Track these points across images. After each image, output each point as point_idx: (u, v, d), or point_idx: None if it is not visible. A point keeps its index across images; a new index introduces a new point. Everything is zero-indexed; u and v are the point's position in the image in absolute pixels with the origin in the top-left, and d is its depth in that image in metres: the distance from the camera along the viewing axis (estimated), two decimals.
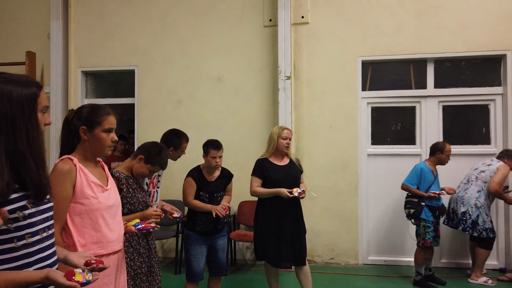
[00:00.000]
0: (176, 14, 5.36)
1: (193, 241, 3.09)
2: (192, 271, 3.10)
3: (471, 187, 4.34)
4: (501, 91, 4.85)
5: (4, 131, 1.21)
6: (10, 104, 1.23)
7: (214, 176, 3.18)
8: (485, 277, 4.33)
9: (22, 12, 5.63)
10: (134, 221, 2.07)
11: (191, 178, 3.12)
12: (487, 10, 4.75)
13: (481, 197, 4.27)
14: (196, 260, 3.08)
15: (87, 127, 1.74)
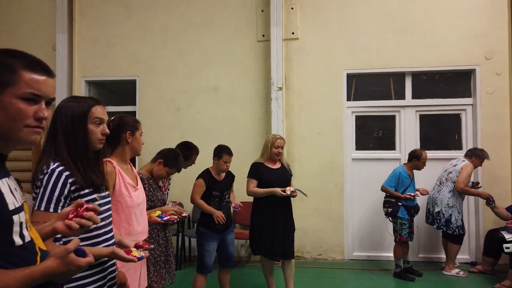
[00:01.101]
0: (176, 28, 5.75)
1: (207, 238, 3.48)
2: (204, 264, 3.50)
3: (443, 188, 4.83)
4: (471, 102, 5.38)
5: (63, 139, 1.59)
6: (66, 117, 1.61)
7: (222, 176, 3.61)
8: (457, 269, 4.83)
9: (27, 24, 5.94)
10: (157, 213, 2.47)
11: (202, 180, 3.52)
12: (459, 29, 5.28)
13: (453, 197, 4.76)
14: (209, 255, 3.49)
15: (131, 132, 2.13)
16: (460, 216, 4.76)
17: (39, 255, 1.15)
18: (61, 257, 1.06)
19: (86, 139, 1.60)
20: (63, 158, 1.56)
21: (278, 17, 5.43)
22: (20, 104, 1.05)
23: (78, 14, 5.88)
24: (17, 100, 1.05)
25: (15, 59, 1.09)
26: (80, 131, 1.60)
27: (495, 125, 5.21)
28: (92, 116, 1.61)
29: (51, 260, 1.06)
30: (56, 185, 1.49)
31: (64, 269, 1.07)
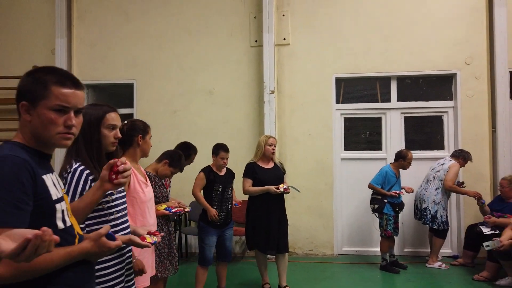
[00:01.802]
0: (172, 33, 5.98)
1: (207, 233, 3.73)
2: (204, 257, 3.75)
3: (430, 186, 5.13)
4: (453, 104, 5.70)
5: (83, 142, 1.82)
6: (84, 122, 1.83)
7: (223, 171, 3.87)
8: (439, 262, 5.13)
9: (27, 29, 6.11)
10: (163, 206, 2.70)
11: (203, 173, 3.78)
12: (441, 36, 5.60)
13: (439, 194, 5.06)
14: (209, 248, 3.73)
15: (142, 135, 2.37)
16: (445, 213, 5.06)
17: (77, 238, 1.39)
18: (95, 239, 1.30)
19: (100, 142, 1.82)
20: (83, 159, 1.78)
21: (270, 24, 5.69)
22: (51, 115, 1.26)
23: (76, 19, 6.07)
24: (48, 111, 1.25)
25: (48, 76, 1.28)
26: (95, 134, 1.81)
27: (475, 126, 5.53)
28: (106, 122, 1.82)
29: (87, 242, 1.30)
30: (78, 182, 1.71)
31: (96, 250, 1.31)
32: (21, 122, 1.31)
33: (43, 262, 1.14)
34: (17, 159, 1.18)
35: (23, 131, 1.31)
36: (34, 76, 1.27)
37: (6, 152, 1.19)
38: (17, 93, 1.30)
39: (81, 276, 1.33)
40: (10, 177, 1.13)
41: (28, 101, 1.25)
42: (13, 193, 1.11)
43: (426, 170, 5.46)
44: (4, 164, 1.15)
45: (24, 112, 1.27)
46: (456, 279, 4.67)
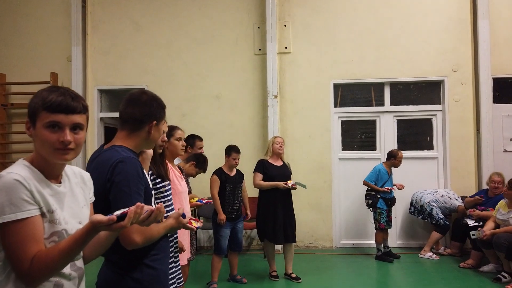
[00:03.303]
0: (181, 42, 6.39)
1: (222, 225, 4.16)
2: (220, 247, 4.19)
3: (433, 195, 5.59)
4: (441, 108, 6.18)
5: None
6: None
7: (233, 172, 4.29)
8: (431, 252, 5.60)
9: (45, 38, 6.48)
10: (195, 199, 3.13)
11: (215, 175, 4.21)
12: (430, 45, 6.08)
13: (435, 203, 5.51)
14: (223, 239, 4.17)
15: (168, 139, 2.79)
16: (440, 212, 5.51)
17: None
18: (176, 218, 1.73)
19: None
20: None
21: (273, 33, 6.13)
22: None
23: (91, 28, 6.46)
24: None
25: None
26: None
27: (461, 128, 6.03)
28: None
29: (171, 219, 1.72)
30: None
31: (176, 226, 1.74)
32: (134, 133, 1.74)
33: (156, 233, 1.58)
34: (133, 159, 1.60)
35: (132, 140, 1.73)
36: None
37: (125, 155, 1.59)
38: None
39: (166, 245, 1.79)
40: (134, 173, 1.55)
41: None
42: (136, 184, 1.54)
43: (416, 168, 5.99)
44: (129, 162, 1.57)
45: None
46: (444, 267, 5.14)
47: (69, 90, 1.30)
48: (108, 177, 1.52)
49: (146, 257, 1.63)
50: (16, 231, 1.14)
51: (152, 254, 1.65)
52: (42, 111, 1.23)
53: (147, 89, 1.88)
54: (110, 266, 1.62)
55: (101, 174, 1.54)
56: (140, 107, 1.67)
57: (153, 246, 1.65)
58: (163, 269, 1.72)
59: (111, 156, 1.58)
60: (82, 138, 1.29)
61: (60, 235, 1.23)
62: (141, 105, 1.68)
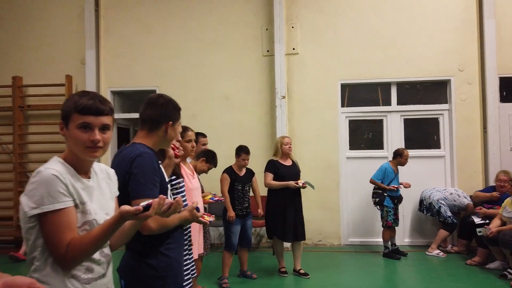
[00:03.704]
0: (191, 44, 6.55)
1: (233, 222, 4.30)
2: (231, 243, 4.34)
3: (441, 193, 5.67)
4: (448, 107, 6.25)
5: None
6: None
7: (243, 171, 4.42)
8: (438, 250, 5.67)
9: (59, 41, 6.69)
10: (209, 196, 3.27)
11: (225, 174, 4.34)
12: (436, 45, 6.15)
13: (444, 201, 5.58)
14: (234, 236, 4.31)
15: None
16: (448, 210, 5.58)
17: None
18: (191, 211, 1.86)
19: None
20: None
21: (280, 35, 6.25)
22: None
23: (104, 32, 6.65)
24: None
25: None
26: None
27: (468, 127, 6.08)
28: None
29: (185, 212, 1.86)
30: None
31: (190, 218, 1.87)
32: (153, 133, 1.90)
33: (170, 222, 1.72)
34: (150, 154, 1.75)
35: (150, 139, 1.88)
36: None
37: (142, 150, 1.76)
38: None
39: (181, 236, 1.93)
40: (150, 166, 1.70)
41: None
42: (152, 176, 1.69)
43: (423, 166, 6.06)
44: (146, 157, 1.72)
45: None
46: (451, 264, 5.21)
47: (97, 95, 1.44)
48: (127, 169, 1.69)
49: (161, 245, 1.78)
50: (53, 220, 1.28)
51: (167, 243, 1.80)
52: (74, 114, 1.38)
53: (164, 93, 2.02)
54: (129, 253, 1.78)
55: (122, 168, 1.70)
56: (157, 109, 1.83)
57: (168, 236, 1.80)
58: (176, 258, 1.86)
59: (130, 152, 1.76)
60: (109, 137, 1.44)
61: (90, 224, 1.37)
62: (158, 107, 1.83)
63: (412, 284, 4.63)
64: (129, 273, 1.75)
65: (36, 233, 1.31)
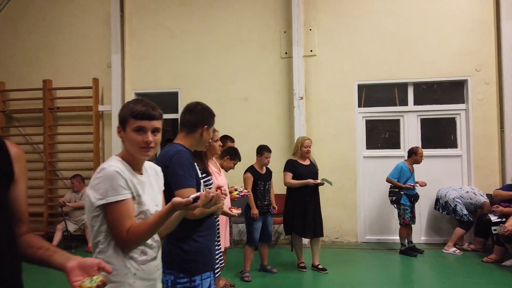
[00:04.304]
0: (211, 48, 6.77)
1: (255, 219, 4.51)
2: (253, 238, 4.55)
3: (457, 191, 5.76)
4: (464, 107, 6.31)
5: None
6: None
7: (263, 170, 4.63)
8: (454, 248, 5.76)
9: (86, 45, 7.01)
10: (235, 192, 3.48)
11: (249, 173, 4.56)
12: (453, 46, 6.22)
13: (460, 199, 5.68)
14: (256, 231, 4.53)
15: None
16: (464, 208, 5.66)
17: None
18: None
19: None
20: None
21: (298, 38, 6.42)
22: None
23: (128, 37, 6.94)
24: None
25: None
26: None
27: (485, 127, 6.14)
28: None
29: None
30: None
31: (222, 205, 2.05)
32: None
33: (208, 209, 1.93)
34: (186, 152, 1.99)
35: (188, 140, 2.12)
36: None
37: (180, 148, 2.01)
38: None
39: (212, 224, 2.16)
40: (187, 161, 1.92)
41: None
42: (189, 170, 1.91)
43: (440, 166, 6.15)
44: (183, 154, 1.94)
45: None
46: (467, 262, 5.30)
47: (149, 102, 1.66)
48: (166, 164, 1.94)
49: (194, 232, 2.00)
50: (116, 210, 1.50)
51: (199, 230, 2.02)
52: (130, 119, 1.59)
53: (202, 102, 2.27)
54: (167, 239, 2.01)
55: (162, 164, 1.93)
56: (194, 114, 2.07)
57: (201, 224, 2.01)
58: (207, 244, 2.08)
59: (169, 150, 2.03)
60: (159, 139, 1.64)
61: (145, 214, 1.59)
62: (196, 112, 2.08)
63: (428, 280, 4.75)
64: (165, 256, 1.95)
65: (100, 221, 1.53)
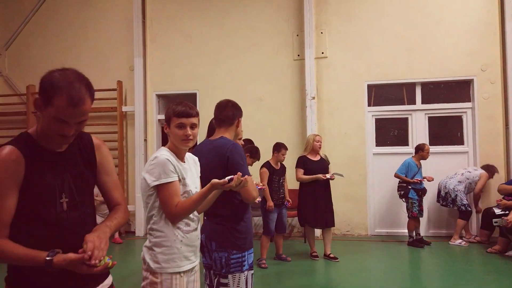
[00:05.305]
0: (227, 51, 7.15)
1: (271, 211, 4.88)
2: (268, 229, 4.92)
3: (455, 178, 6.05)
4: (471, 106, 6.57)
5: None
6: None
7: (278, 166, 4.99)
8: (460, 239, 6.03)
9: (110, 49, 7.46)
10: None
11: (265, 168, 4.92)
12: (459, 47, 6.49)
13: (460, 185, 5.97)
14: (272, 222, 4.90)
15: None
16: (464, 198, 5.96)
17: None
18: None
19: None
20: None
21: (310, 40, 6.76)
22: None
23: (149, 41, 7.37)
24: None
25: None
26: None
27: (490, 125, 6.39)
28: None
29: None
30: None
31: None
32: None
33: (255, 193, 2.26)
34: (239, 145, 2.37)
35: (229, 133, 2.47)
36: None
37: (233, 141, 2.35)
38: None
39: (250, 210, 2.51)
40: (242, 152, 2.30)
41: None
42: (244, 159, 2.29)
43: (447, 162, 6.41)
44: (238, 146, 2.32)
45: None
46: (472, 252, 5.58)
47: (188, 103, 2.04)
48: (228, 155, 2.25)
49: (244, 215, 2.33)
50: (166, 189, 1.88)
51: (246, 213, 2.36)
52: (173, 117, 1.98)
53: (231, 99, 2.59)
54: (217, 221, 2.30)
55: (221, 153, 2.26)
56: (230, 109, 2.45)
57: (246, 208, 2.35)
58: (251, 225, 2.44)
59: (225, 142, 2.34)
60: (196, 133, 2.02)
61: (188, 194, 1.97)
62: (230, 108, 2.45)
63: (434, 268, 5.04)
64: (219, 236, 2.28)
65: (154, 198, 1.92)
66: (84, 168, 1.55)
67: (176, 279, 1.91)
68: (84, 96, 1.37)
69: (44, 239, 1.39)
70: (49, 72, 1.40)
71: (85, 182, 1.55)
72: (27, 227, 1.40)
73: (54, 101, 1.34)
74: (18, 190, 1.37)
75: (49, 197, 1.43)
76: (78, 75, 1.42)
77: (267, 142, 6.05)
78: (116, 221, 1.59)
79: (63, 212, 1.45)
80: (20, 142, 1.42)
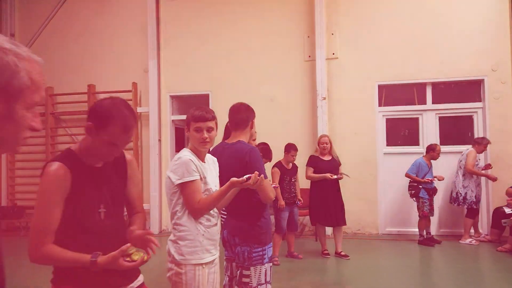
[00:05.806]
0: (239, 53, 7.29)
1: (282, 209, 5.01)
2: (280, 227, 5.06)
3: (459, 174, 6.11)
4: (481, 105, 6.60)
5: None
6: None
7: (290, 166, 5.12)
8: (470, 238, 6.08)
9: (125, 52, 7.66)
10: None
11: (276, 168, 5.06)
12: (470, 46, 6.52)
13: (466, 180, 6.02)
14: (283, 220, 5.03)
15: None
16: (474, 194, 6.00)
17: None
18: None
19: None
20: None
21: (321, 42, 6.85)
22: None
23: (163, 44, 7.54)
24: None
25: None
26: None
27: (501, 124, 6.41)
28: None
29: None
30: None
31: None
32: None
33: (272, 194, 2.39)
34: (256, 148, 2.49)
35: (244, 136, 2.59)
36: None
37: (250, 145, 2.47)
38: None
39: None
40: (259, 155, 2.44)
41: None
42: (261, 162, 2.42)
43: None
44: (256, 150, 2.44)
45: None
46: (482, 251, 5.63)
47: (206, 108, 2.18)
48: (247, 159, 2.38)
49: (264, 212, 2.47)
50: (189, 187, 2.03)
51: (265, 210, 2.50)
52: (191, 121, 2.15)
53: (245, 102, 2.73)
54: (239, 218, 2.44)
55: (240, 157, 2.39)
56: (244, 112, 2.57)
57: (265, 206, 2.48)
58: (270, 221, 2.57)
59: (243, 146, 2.47)
60: (213, 135, 2.17)
61: (208, 191, 2.12)
62: (244, 111, 2.58)
63: (444, 266, 5.12)
64: (242, 232, 2.41)
65: (177, 196, 2.07)
66: (117, 181, 1.73)
67: (199, 270, 2.06)
68: (134, 123, 1.57)
69: (86, 244, 1.55)
70: (100, 101, 1.60)
71: (118, 194, 1.73)
72: (71, 234, 1.56)
73: (108, 128, 1.51)
74: (64, 202, 1.54)
75: (90, 208, 1.61)
76: (125, 104, 1.59)
77: (278, 142, 6.13)
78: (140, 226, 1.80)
79: (101, 221, 1.63)
80: (66, 158, 1.58)
